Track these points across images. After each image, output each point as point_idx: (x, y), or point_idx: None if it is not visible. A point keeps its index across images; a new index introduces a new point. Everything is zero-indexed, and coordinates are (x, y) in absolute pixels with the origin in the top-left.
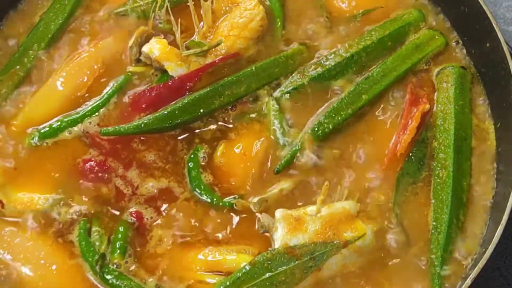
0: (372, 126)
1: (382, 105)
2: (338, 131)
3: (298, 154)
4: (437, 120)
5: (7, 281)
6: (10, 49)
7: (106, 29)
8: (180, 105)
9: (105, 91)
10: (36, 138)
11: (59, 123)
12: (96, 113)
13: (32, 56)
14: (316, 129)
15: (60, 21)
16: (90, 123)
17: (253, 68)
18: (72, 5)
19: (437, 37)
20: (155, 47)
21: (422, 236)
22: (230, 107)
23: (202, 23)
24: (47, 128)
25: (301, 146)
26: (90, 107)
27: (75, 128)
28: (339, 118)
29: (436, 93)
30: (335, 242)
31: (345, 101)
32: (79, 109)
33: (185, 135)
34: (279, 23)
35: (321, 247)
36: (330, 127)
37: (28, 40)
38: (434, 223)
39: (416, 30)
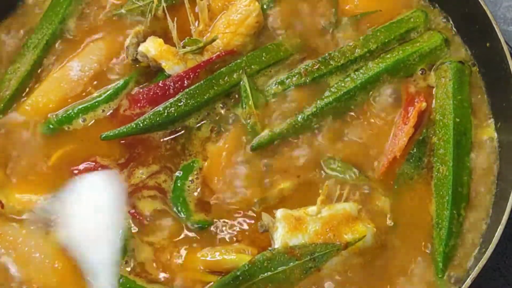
0: (371, 126)
1: (380, 105)
2: (337, 131)
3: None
4: (436, 116)
5: (7, 281)
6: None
7: (104, 29)
8: (176, 99)
9: (113, 84)
10: (51, 125)
11: (70, 111)
12: (109, 102)
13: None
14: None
15: (56, 24)
16: (103, 111)
17: (244, 58)
18: (66, 8)
19: (437, 36)
20: (151, 46)
21: (423, 233)
22: (228, 96)
23: (198, 21)
24: (58, 117)
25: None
26: (103, 97)
27: (88, 116)
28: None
29: (434, 89)
30: (335, 243)
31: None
32: (92, 96)
33: (183, 132)
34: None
35: (321, 248)
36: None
37: (29, 41)
38: (435, 218)
39: (420, 31)
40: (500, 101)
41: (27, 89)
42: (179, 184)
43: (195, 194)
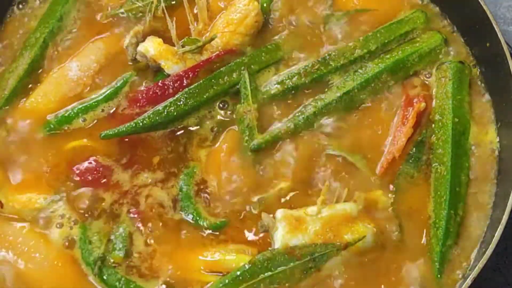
0: (370, 127)
1: (379, 105)
2: (336, 131)
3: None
4: (435, 116)
5: (8, 280)
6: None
7: (103, 29)
8: (176, 98)
9: (113, 84)
10: (51, 125)
11: (70, 111)
12: (109, 102)
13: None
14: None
15: (53, 23)
16: (103, 110)
17: (243, 57)
18: (63, 7)
19: (437, 37)
20: (151, 46)
21: (422, 232)
22: (227, 95)
23: (197, 21)
24: (58, 117)
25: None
26: (103, 96)
27: (88, 116)
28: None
29: (434, 89)
30: (335, 243)
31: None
32: (91, 97)
33: (182, 132)
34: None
35: (321, 248)
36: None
37: (27, 40)
38: (433, 218)
39: (420, 31)
40: (500, 101)
41: (26, 89)
42: (185, 191)
43: (201, 198)
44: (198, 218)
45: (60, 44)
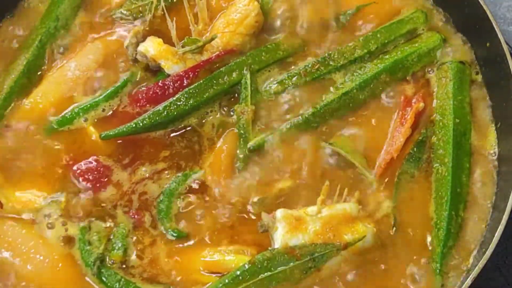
0: (369, 127)
1: (378, 105)
2: (335, 131)
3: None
4: (436, 116)
5: (7, 280)
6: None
7: (103, 29)
8: (176, 98)
9: (113, 84)
10: (53, 125)
11: (71, 111)
12: (109, 101)
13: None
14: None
15: (51, 23)
16: (103, 110)
17: (244, 57)
18: (59, 7)
19: (436, 37)
20: (151, 46)
21: (422, 233)
22: (227, 95)
23: (197, 21)
24: (59, 117)
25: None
26: (103, 96)
27: (89, 116)
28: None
29: (435, 89)
30: (335, 243)
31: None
32: (92, 96)
33: (183, 131)
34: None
35: (321, 248)
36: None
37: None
38: (434, 219)
39: (420, 32)
40: (500, 101)
41: (25, 89)
42: (172, 187)
43: (188, 200)
44: (162, 216)
45: (59, 44)
